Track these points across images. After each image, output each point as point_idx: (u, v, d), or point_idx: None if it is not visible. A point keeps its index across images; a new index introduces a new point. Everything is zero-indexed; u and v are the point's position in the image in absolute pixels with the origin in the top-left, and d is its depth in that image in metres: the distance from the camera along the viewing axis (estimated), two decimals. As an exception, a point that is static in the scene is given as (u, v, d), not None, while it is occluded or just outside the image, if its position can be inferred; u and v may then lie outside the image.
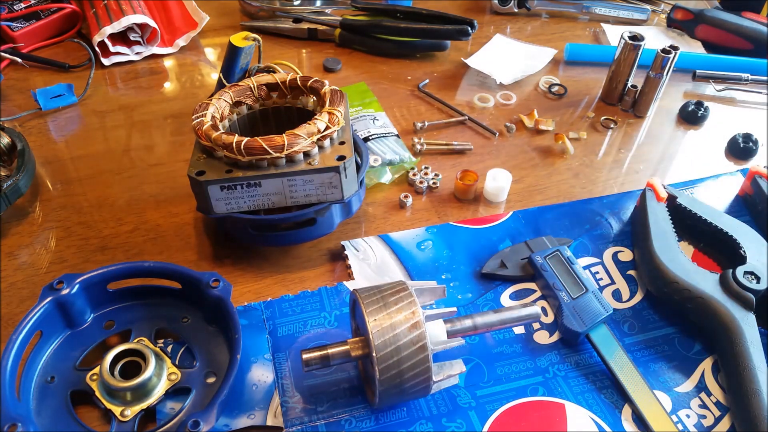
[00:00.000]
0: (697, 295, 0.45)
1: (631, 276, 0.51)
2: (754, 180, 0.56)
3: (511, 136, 0.65)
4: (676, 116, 0.69)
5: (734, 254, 0.49)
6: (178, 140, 0.62)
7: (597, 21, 0.85)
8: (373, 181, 0.57)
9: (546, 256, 0.49)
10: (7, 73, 0.69)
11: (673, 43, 0.64)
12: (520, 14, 0.85)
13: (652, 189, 0.53)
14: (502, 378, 0.43)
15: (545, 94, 0.71)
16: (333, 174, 0.46)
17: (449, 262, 0.51)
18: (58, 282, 0.42)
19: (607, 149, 0.64)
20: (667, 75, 0.65)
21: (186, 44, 0.74)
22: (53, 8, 0.73)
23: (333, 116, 0.47)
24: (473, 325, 0.41)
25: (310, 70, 0.73)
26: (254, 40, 0.59)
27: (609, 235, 0.54)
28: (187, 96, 0.68)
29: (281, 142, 0.45)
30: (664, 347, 0.46)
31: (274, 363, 0.43)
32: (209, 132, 0.46)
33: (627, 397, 0.42)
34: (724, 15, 0.79)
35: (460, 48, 0.77)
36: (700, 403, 0.43)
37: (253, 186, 0.46)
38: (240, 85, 0.53)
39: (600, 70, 0.74)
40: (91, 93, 0.67)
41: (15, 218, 0.53)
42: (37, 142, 0.60)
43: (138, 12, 0.69)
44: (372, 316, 0.37)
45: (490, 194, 0.57)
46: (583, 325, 0.44)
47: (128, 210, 0.54)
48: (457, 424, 0.41)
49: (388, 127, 0.63)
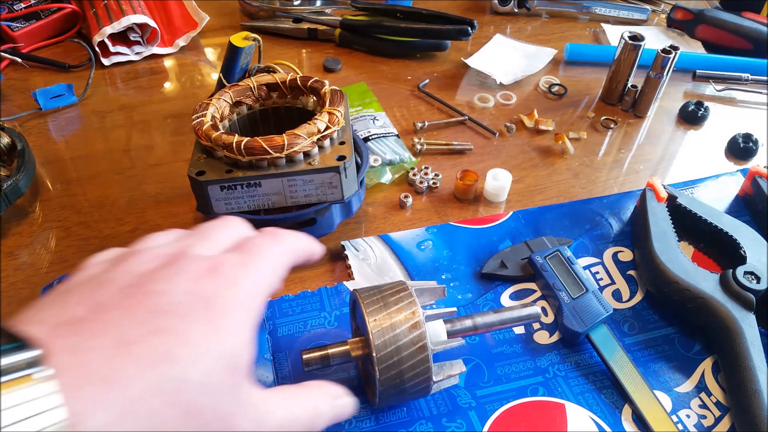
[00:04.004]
0: (697, 295, 0.45)
1: (631, 276, 0.51)
2: (754, 180, 0.56)
3: (511, 136, 0.65)
4: (676, 116, 0.69)
5: (734, 254, 0.49)
6: (178, 140, 0.62)
7: (597, 21, 0.85)
8: (373, 181, 0.57)
9: (546, 256, 0.49)
10: (7, 73, 0.69)
11: (673, 43, 0.64)
12: (520, 14, 0.85)
13: (652, 189, 0.53)
14: (502, 378, 0.43)
15: (545, 94, 0.71)
16: (333, 174, 0.46)
17: (449, 262, 0.51)
18: (58, 282, 0.42)
19: (607, 149, 0.64)
20: (667, 75, 0.65)
21: (186, 44, 0.74)
22: (53, 8, 0.73)
23: (333, 116, 0.47)
24: (473, 325, 0.41)
25: (310, 70, 0.73)
26: (254, 40, 0.59)
27: (609, 235, 0.54)
28: (187, 96, 0.68)
29: (281, 142, 0.45)
30: (664, 347, 0.46)
31: (274, 363, 0.43)
32: (209, 132, 0.46)
33: (627, 397, 0.42)
34: (724, 15, 0.79)
35: (460, 48, 0.77)
36: (700, 403, 0.43)
37: (253, 186, 0.46)
38: (240, 85, 0.53)
39: (600, 70, 0.74)
40: (91, 93, 0.67)
41: (15, 218, 0.53)
42: (37, 142, 0.61)
43: (138, 12, 0.69)
44: (372, 316, 0.37)
45: (490, 194, 0.57)
46: (583, 325, 0.44)
47: (128, 210, 0.54)
48: (457, 424, 0.41)
49: (388, 127, 0.63)
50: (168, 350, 0.24)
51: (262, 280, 0.29)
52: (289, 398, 0.30)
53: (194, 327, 0.25)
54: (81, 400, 0.21)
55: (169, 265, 0.27)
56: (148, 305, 0.25)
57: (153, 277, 0.26)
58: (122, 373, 0.22)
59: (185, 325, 0.25)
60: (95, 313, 0.24)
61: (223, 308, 0.26)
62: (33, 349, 0.21)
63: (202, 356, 0.24)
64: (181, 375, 0.24)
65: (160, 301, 0.25)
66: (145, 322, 0.24)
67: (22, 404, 0.20)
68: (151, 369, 0.23)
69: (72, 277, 0.28)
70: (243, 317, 0.27)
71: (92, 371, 0.22)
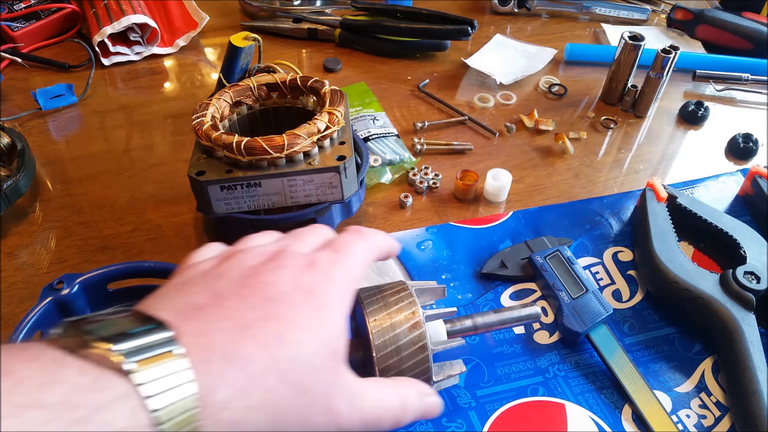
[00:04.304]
0: (697, 295, 0.45)
1: (631, 276, 0.51)
2: (754, 180, 0.56)
3: (511, 136, 0.65)
4: (676, 116, 0.69)
5: (734, 254, 0.49)
6: (178, 140, 0.62)
7: (597, 21, 0.85)
8: (373, 181, 0.57)
9: (546, 256, 0.49)
10: (7, 73, 0.69)
11: (673, 43, 0.64)
12: (520, 14, 0.85)
13: (652, 189, 0.53)
14: (502, 378, 0.43)
15: (545, 94, 0.71)
16: (333, 174, 0.46)
17: (449, 262, 0.51)
18: (58, 282, 0.42)
19: (607, 149, 0.64)
20: (667, 75, 0.65)
21: (186, 44, 0.74)
22: (53, 8, 0.73)
23: (333, 116, 0.47)
24: (473, 325, 0.41)
25: (310, 70, 0.73)
26: (254, 40, 0.59)
27: (609, 235, 0.54)
28: (187, 96, 0.68)
29: (281, 142, 0.45)
30: (664, 347, 0.46)
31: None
32: (209, 132, 0.46)
33: (627, 397, 0.42)
34: (724, 15, 0.79)
35: (460, 48, 0.77)
36: (700, 403, 0.43)
37: (253, 186, 0.46)
38: (240, 85, 0.53)
39: (600, 70, 0.74)
40: (91, 93, 0.67)
41: (15, 218, 0.53)
42: (37, 142, 0.61)
43: (138, 12, 0.69)
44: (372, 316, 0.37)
45: (490, 194, 0.57)
46: (583, 325, 0.44)
47: (128, 210, 0.54)
48: (457, 424, 0.41)
49: (388, 127, 0.63)
50: (281, 334, 0.26)
51: (353, 274, 0.32)
52: (381, 387, 0.32)
53: (300, 314, 0.28)
54: (209, 376, 0.24)
55: (273, 261, 0.30)
56: (261, 294, 0.28)
57: (261, 270, 0.29)
58: (243, 352, 0.25)
59: (293, 312, 0.28)
60: (215, 300, 0.27)
61: (323, 299, 0.29)
62: (167, 330, 0.24)
63: (308, 340, 0.27)
64: (292, 356, 0.26)
65: (271, 291, 0.28)
66: (259, 308, 0.27)
67: (162, 378, 0.22)
68: (267, 350, 0.26)
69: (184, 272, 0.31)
70: (339, 307, 0.30)
71: (217, 351, 0.24)
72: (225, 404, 0.24)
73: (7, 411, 0.19)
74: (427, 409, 0.34)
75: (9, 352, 0.21)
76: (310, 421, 0.27)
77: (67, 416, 0.20)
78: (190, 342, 0.24)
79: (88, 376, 0.21)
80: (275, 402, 0.26)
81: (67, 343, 0.22)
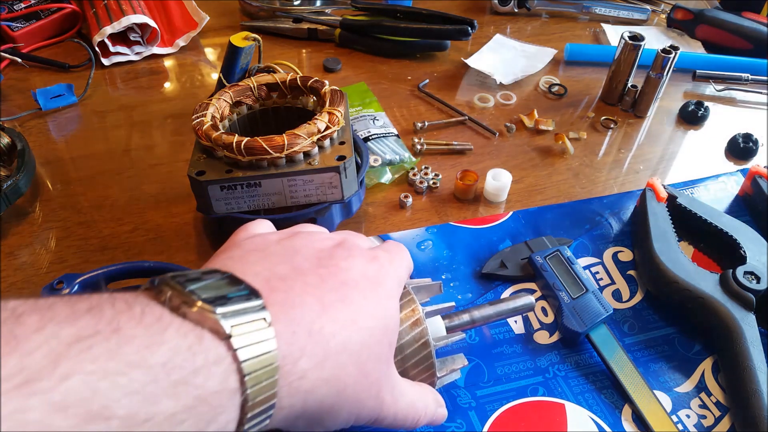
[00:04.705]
0: (697, 295, 0.45)
1: (631, 276, 0.51)
2: (754, 180, 0.56)
3: (511, 136, 0.65)
4: (676, 116, 0.69)
5: (734, 254, 0.49)
6: (178, 140, 0.62)
7: (597, 21, 0.85)
8: (373, 181, 0.57)
9: (546, 256, 0.49)
10: (7, 73, 0.69)
11: (673, 43, 0.64)
12: (520, 14, 0.85)
13: (652, 189, 0.53)
14: (502, 378, 0.43)
15: (545, 94, 0.71)
16: (333, 174, 0.46)
17: (449, 262, 0.51)
18: (58, 282, 0.42)
19: (607, 149, 0.64)
20: (667, 75, 0.65)
21: (186, 44, 0.74)
22: (53, 8, 0.73)
23: (333, 116, 0.47)
24: (471, 319, 0.41)
25: (310, 70, 0.73)
26: (254, 40, 0.59)
27: (609, 235, 0.54)
28: (187, 96, 0.68)
29: (281, 142, 0.45)
30: (664, 347, 0.46)
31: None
32: (209, 132, 0.46)
33: (627, 397, 0.42)
34: (724, 15, 0.79)
35: (460, 48, 0.77)
36: (700, 403, 0.43)
37: (253, 186, 0.46)
38: (240, 85, 0.53)
39: (600, 70, 0.74)
40: (91, 93, 0.67)
41: (15, 218, 0.53)
42: (37, 142, 0.60)
43: (138, 12, 0.69)
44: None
45: (490, 194, 0.57)
46: (583, 325, 0.44)
47: (128, 210, 0.54)
48: (457, 424, 0.41)
49: (388, 127, 0.63)
50: (355, 318, 0.29)
51: (401, 274, 0.35)
52: (413, 389, 0.35)
53: (370, 302, 0.30)
54: (293, 347, 0.26)
55: (341, 247, 0.32)
56: (337, 277, 0.30)
57: (335, 254, 0.32)
58: (323, 330, 0.27)
59: (365, 300, 0.30)
60: (296, 275, 0.29)
61: (386, 291, 0.32)
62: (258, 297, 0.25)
63: (375, 329, 0.30)
64: (363, 340, 0.29)
65: (346, 276, 0.30)
66: (336, 291, 0.29)
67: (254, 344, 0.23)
68: (344, 330, 0.28)
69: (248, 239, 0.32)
70: (395, 301, 0.33)
71: (302, 325, 0.27)
72: (303, 373, 0.26)
73: (119, 368, 0.20)
74: (437, 417, 0.37)
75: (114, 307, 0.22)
76: (363, 403, 0.30)
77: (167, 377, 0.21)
78: (278, 312, 0.26)
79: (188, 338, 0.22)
80: (342, 379, 0.28)
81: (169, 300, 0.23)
